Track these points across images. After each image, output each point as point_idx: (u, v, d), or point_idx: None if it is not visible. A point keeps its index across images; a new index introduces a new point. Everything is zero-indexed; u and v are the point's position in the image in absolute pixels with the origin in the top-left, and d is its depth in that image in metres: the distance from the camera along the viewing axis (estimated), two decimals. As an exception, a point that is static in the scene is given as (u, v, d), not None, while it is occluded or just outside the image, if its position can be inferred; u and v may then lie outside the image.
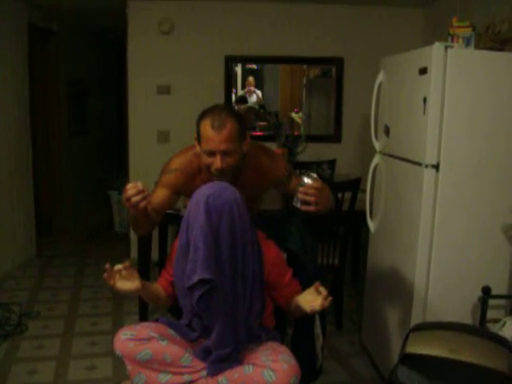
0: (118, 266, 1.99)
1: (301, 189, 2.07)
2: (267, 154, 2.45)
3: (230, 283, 1.96)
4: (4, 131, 4.74)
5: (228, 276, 1.95)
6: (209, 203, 1.93)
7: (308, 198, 2.07)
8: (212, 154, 2.13)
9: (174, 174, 2.34)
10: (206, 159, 2.16)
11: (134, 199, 2.02)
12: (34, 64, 5.46)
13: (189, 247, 1.95)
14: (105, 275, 1.98)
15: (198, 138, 2.20)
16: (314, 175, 2.10)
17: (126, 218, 5.80)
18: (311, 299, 2.00)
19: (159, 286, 2.25)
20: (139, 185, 2.02)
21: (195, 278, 1.88)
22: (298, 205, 2.11)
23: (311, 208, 2.09)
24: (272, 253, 2.15)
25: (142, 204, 2.04)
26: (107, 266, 1.98)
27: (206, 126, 2.12)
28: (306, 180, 2.08)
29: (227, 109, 2.20)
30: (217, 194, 1.96)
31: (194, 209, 1.96)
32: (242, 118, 2.23)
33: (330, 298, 1.97)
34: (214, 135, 2.10)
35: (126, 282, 2.01)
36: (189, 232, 1.97)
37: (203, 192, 1.97)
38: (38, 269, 5.09)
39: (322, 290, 1.98)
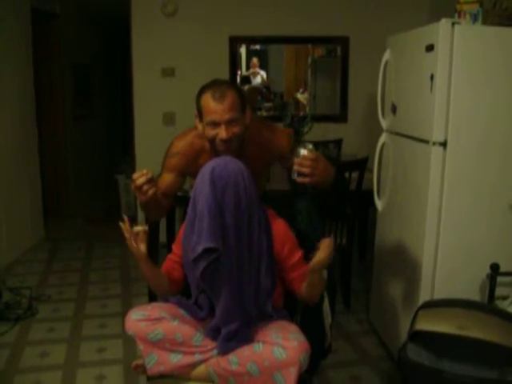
0: (139, 228, 2.00)
1: (296, 160, 2.06)
2: (269, 128, 2.45)
3: (235, 255, 1.96)
4: (9, 116, 4.74)
5: (233, 247, 1.95)
6: (214, 174, 1.94)
7: (303, 170, 2.06)
8: (216, 125, 2.12)
9: (176, 157, 2.35)
10: (210, 132, 2.15)
11: (145, 188, 2.02)
12: (38, 48, 5.45)
13: (195, 220, 1.96)
14: (122, 225, 2.00)
15: (200, 114, 2.19)
16: (310, 146, 2.08)
17: (133, 201, 5.81)
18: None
19: (163, 271, 2.24)
20: (147, 173, 2.03)
21: (200, 249, 1.89)
22: (295, 176, 2.09)
23: (307, 179, 2.08)
24: (281, 230, 2.14)
25: (152, 192, 2.05)
26: (126, 217, 2.01)
27: (208, 99, 2.12)
28: (302, 151, 2.06)
29: (226, 81, 2.20)
30: (222, 165, 1.97)
31: (200, 181, 1.97)
32: (242, 90, 2.22)
33: (330, 242, 1.98)
34: (217, 106, 2.10)
35: (139, 244, 2.02)
36: (195, 204, 1.98)
37: (209, 165, 1.99)
38: (47, 253, 5.12)
39: (326, 241, 1.99)
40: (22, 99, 5.00)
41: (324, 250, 1.97)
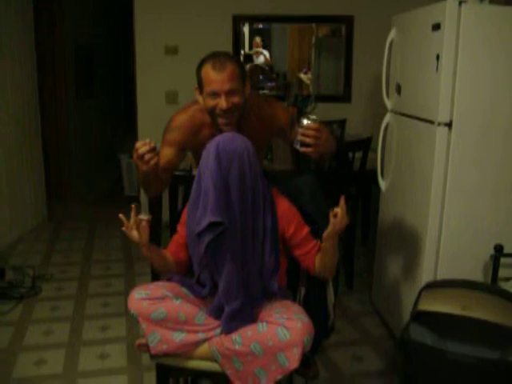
0: (143, 216, 2.03)
1: (300, 130, 2.06)
2: (269, 102, 2.46)
3: (239, 230, 1.96)
4: (12, 97, 4.71)
5: (238, 222, 1.95)
6: (219, 149, 1.94)
7: (307, 140, 2.06)
8: (216, 95, 2.12)
9: (176, 131, 2.35)
10: (210, 102, 2.15)
11: (147, 157, 2.02)
12: (41, 28, 5.40)
13: (200, 196, 1.96)
14: (122, 217, 2.04)
15: (200, 86, 2.19)
16: (314, 117, 2.08)
17: (136, 181, 5.81)
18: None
19: (167, 252, 2.24)
20: (150, 142, 2.02)
21: (205, 223, 1.89)
22: (298, 146, 2.09)
23: (310, 150, 2.08)
24: (286, 208, 2.14)
25: (154, 161, 2.04)
26: (133, 206, 2.03)
27: (208, 69, 2.12)
28: (306, 121, 2.06)
29: (226, 53, 2.20)
30: (227, 140, 1.97)
31: (206, 157, 1.97)
32: (241, 62, 2.22)
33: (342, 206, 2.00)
34: (217, 76, 2.10)
35: (140, 233, 2.04)
36: (200, 180, 1.98)
37: (214, 140, 1.99)
38: (50, 232, 5.13)
39: (337, 210, 2.01)
40: (25, 80, 4.97)
41: (340, 212, 1.99)
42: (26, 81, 5.00)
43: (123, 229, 2.04)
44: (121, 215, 2.04)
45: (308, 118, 2.07)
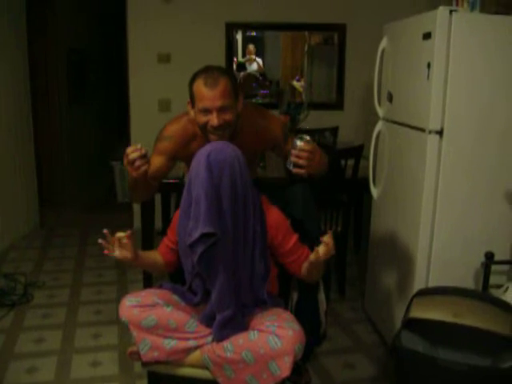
0: (120, 234, 2.01)
1: (293, 151, 2.07)
2: (263, 114, 2.46)
3: (231, 240, 1.96)
4: (3, 101, 4.70)
5: (229, 233, 1.95)
6: (210, 159, 1.94)
7: (300, 162, 2.07)
8: (207, 111, 2.12)
9: (168, 141, 2.36)
10: (202, 118, 2.15)
11: (138, 163, 2.02)
12: (33, 32, 5.39)
13: (191, 205, 1.95)
14: (102, 241, 2.01)
15: (192, 101, 2.20)
16: (307, 137, 2.09)
17: (127, 190, 5.80)
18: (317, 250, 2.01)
19: (157, 254, 2.26)
20: (141, 148, 2.03)
21: (197, 234, 1.89)
22: (291, 167, 2.11)
23: (303, 171, 2.09)
24: (275, 216, 2.15)
25: (144, 168, 2.05)
26: (106, 231, 2.02)
27: (200, 85, 2.12)
28: (299, 143, 2.07)
29: (219, 67, 2.20)
30: (218, 149, 1.97)
31: (196, 166, 1.97)
32: (235, 76, 2.22)
33: (329, 236, 1.98)
34: (208, 92, 2.10)
35: (123, 251, 2.04)
36: (191, 190, 1.97)
37: (204, 149, 1.98)
38: (42, 239, 5.11)
39: (326, 238, 1.98)
40: (17, 84, 4.96)
41: (325, 246, 1.98)
42: (18, 85, 4.99)
43: (105, 253, 2.03)
44: (100, 241, 2.02)
45: (301, 139, 2.08)
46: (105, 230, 2.02)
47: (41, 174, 5.67)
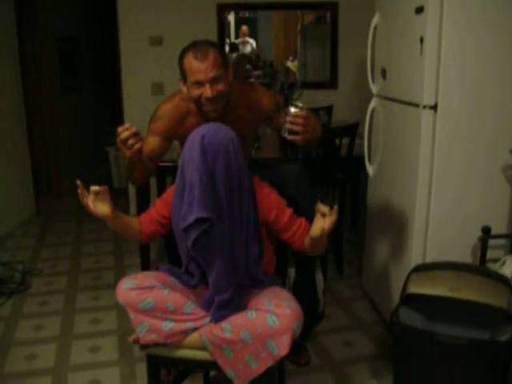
0: (95, 188, 2.01)
1: (288, 118, 2.07)
2: (254, 88, 2.47)
3: (227, 223, 1.94)
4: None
5: (225, 216, 1.93)
6: (204, 142, 1.91)
7: (295, 128, 2.07)
8: (200, 84, 2.13)
9: (162, 120, 2.36)
10: (195, 92, 2.15)
11: (130, 141, 2.02)
12: (22, 20, 5.34)
13: (185, 188, 1.94)
14: (78, 191, 2.01)
15: (183, 76, 2.20)
16: (300, 104, 2.11)
17: (124, 173, 5.78)
18: (319, 225, 1.98)
19: (135, 221, 2.24)
20: (131, 127, 2.02)
21: (191, 218, 1.86)
22: (286, 134, 2.11)
23: (298, 137, 2.09)
24: (266, 194, 2.14)
25: (137, 146, 2.04)
26: (78, 182, 2.01)
27: (190, 59, 2.13)
28: (293, 109, 2.08)
29: (206, 41, 2.21)
30: (212, 132, 1.94)
31: (190, 148, 1.94)
32: (221, 48, 2.22)
33: (335, 211, 1.94)
34: (200, 65, 2.11)
35: (99, 205, 2.04)
36: (184, 172, 1.95)
37: (198, 131, 1.95)
38: (39, 227, 5.11)
39: (324, 209, 1.94)
40: (7, 73, 4.91)
41: (328, 221, 1.95)
42: (9, 74, 4.95)
43: (83, 203, 2.04)
44: (78, 191, 2.02)
45: (295, 106, 2.08)
46: (78, 181, 2.01)
47: (35, 162, 5.63)
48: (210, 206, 1.88)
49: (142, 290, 1.97)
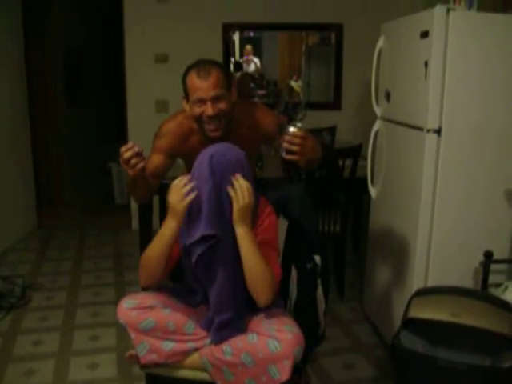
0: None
1: (286, 137, 2.07)
2: (257, 107, 2.47)
3: (231, 242, 1.94)
4: (0, 103, 4.69)
5: (230, 234, 1.93)
6: (212, 161, 1.92)
7: (292, 147, 2.07)
8: (202, 102, 2.14)
9: (165, 138, 2.37)
10: (197, 110, 2.16)
11: (133, 161, 2.02)
12: (30, 33, 5.37)
13: (192, 206, 1.94)
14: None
15: (186, 94, 2.21)
16: (299, 124, 2.11)
17: (126, 190, 5.79)
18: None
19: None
20: (134, 146, 2.03)
21: (197, 235, 1.87)
22: (284, 154, 2.10)
23: (295, 157, 2.09)
24: (272, 221, 2.12)
25: (140, 166, 2.05)
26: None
27: (193, 78, 2.14)
28: (291, 129, 2.08)
29: (210, 60, 2.22)
30: (221, 152, 1.95)
31: (199, 167, 1.95)
32: (227, 68, 2.23)
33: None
34: (202, 83, 2.12)
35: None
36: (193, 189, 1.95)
37: (207, 151, 1.97)
38: (40, 241, 5.10)
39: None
40: (13, 85, 4.95)
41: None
42: (15, 86, 4.99)
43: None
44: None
45: (294, 126, 2.08)
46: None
47: (38, 175, 5.65)
48: (217, 224, 1.88)
49: (143, 310, 1.97)
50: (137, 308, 1.97)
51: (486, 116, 2.57)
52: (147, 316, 1.96)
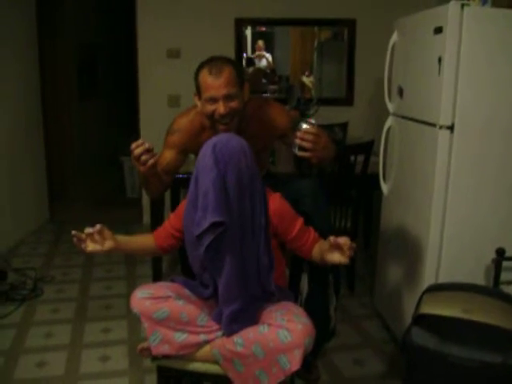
0: (89, 230, 2.03)
1: (298, 133, 2.06)
2: (270, 105, 2.46)
3: (238, 230, 1.94)
4: (14, 97, 4.72)
5: (236, 223, 1.93)
6: (216, 150, 1.92)
7: (305, 144, 2.05)
8: (214, 100, 2.14)
9: (177, 134, 2.39)
10: (209, 108, 2.17)
11: (144, 158, 2.03)
12: (43, 27, 5.40)
13: (198, 197, 1.95)
14: (74, 240, 2.02)
15: (198, 92, 2.22)
16: (312, 121, 2.09)
17: (138, 183, 5.81)
18: (336, 259, 1.96)
19: (149, 239, 2.25)
20: (144, 143, 2.04)
21: (206, 224, 1.87)
22: (296, 150, 2.09)
23: (307, 154, 2.08)
24: (277, 204, 2.14)
25: (151, 162, 2.06)
26: (73, 232, 2.02)
27: (205, 75, 2.14)
28: (304, 126, 2.07)
29: (223, 57, 2.22)
30: (224, 141, 1.95)
31: (203, 157, 1.95)
32: (239, 65, 2.22)
33: (352, 248, 1.92)
34: (214, 81, 2.12)
35: (97, 246, 2.05)
36: (198, 181, 1.96)
37: (210, 142, 1.97)
38: (52, 234, 5.14)
39: (341, 241, 1.91)
40: (26, 80, 4.98)
41: (346, 255, 1.93)
42: (28, 80, 5.01)
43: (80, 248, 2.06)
44: (74, 240, 2.05)
45: (306, 122, 2.08)
46: (73, 232, 2.03)
47: (51, 169, 5.68)
48: (224, 211, 1.89)
49: (157, 300, 1.98)
50: (151, 298, 1.98)
51: (498, 113, 2.55)
52: (161, 306, 1.97)
